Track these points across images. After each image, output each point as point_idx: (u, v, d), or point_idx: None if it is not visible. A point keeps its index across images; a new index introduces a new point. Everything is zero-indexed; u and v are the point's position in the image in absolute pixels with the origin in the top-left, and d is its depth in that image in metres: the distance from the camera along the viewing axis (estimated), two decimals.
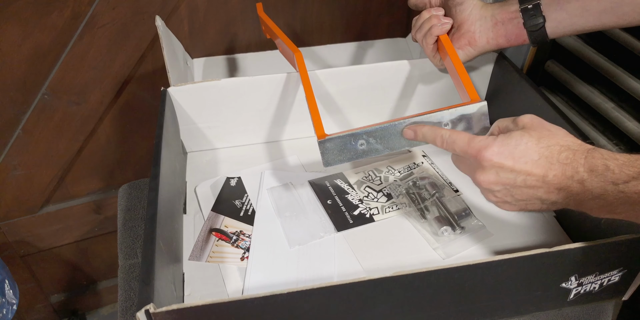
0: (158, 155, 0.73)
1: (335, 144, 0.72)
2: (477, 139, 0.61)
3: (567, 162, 0.56)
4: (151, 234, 0.61)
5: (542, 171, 0.57)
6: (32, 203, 1.30)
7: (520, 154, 0.58)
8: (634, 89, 0.92)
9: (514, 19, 0.79)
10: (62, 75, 1.11)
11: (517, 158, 0.58)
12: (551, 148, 0.57)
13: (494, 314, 0.67)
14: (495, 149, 0.59)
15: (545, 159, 0.57)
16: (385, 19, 1.35)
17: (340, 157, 0.73)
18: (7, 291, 1.10)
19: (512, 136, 0.59)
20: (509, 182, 0.59)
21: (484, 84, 0.98)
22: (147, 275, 0.55)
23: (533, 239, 0.77)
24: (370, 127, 0.72)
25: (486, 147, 0.60)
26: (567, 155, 0.56)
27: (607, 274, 0.65)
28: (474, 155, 0.61)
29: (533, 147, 0.58)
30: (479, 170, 0.61)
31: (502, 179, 0.59)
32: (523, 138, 0.59)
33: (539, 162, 0.57)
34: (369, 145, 0.73)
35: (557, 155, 0.57)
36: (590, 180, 0.54)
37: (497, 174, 0.59)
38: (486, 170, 0.60)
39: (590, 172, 0.54)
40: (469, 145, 0.61)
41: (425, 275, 0.58)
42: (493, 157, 0.59)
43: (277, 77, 0.89)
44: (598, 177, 0.53)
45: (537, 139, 0.58)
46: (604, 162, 0.53)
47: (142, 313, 0.52)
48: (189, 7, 1.14)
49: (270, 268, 0.74)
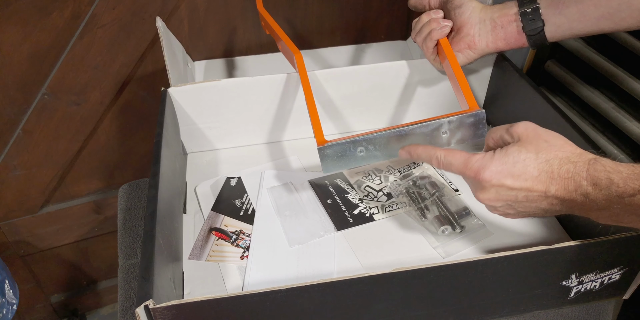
0: (158, 154, 0.73)
1: (334, 151, 0.73)
2: (474, 159, 0.60)
3: (569, 175, 0.55)
4: (151, 231, 0.61)
5: (544, 187, 0.56)
6: (32, 203, 1.30)
7: (519, 171, 0.57)
8: (634, 90, 0.92)
9: (513, 22, 0.79)
10: (62, 75, 1.11)
11: (517, 176, 0.57)
12: (551, 162, 0.57)
13: (495, 312, 0.67)
14: (493, 168, 0.58)
15: (545, 174, 0.56)
16: (386, 19, 1.35)
17: (340, 163, 0.74)
18: (7, 291, 1.10)
19: (509, 153, 0.58)
20: (511, 199, 0.59)
21: (484, 84, 0.98)
22: (146, 272, 0.55)
23: (533, 238, 0.76)
24: (370, 134, 0.73)
25: (484, 168, 0.59)
26: (567, 168, 0.56)
27: (607, 272, 0.65)
28: (473, 176, 0.60)
29: (532, 163, 0.57)
30: (478, 189, 0.61)
31: (503, 196, 0.59)
32: (521, 154, 0.58)
33: (540, 178, 0.57)
34: (368, 152, 0.74)
35: (557, 170, 0.56)
36: (594, 194, 0.53)
37: (498, 192, 0.59)
38: (486, 189, 0.59)
39: (594, 185, 0.53)
40: (466, 166, 0.61)
41: (424, 271, 0.57)
42: (492, 177, 0.58)
43: (278, 77, 0.89)
44: (602, 190, 0.53)
45: (536, 154, 0.57)
46: (608, 176, 0.52)
47: (141, 309, 0.52)
48: (189, 7, 1.14)
49: (270, 266, 0.74)
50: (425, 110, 0.98)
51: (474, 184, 0.62)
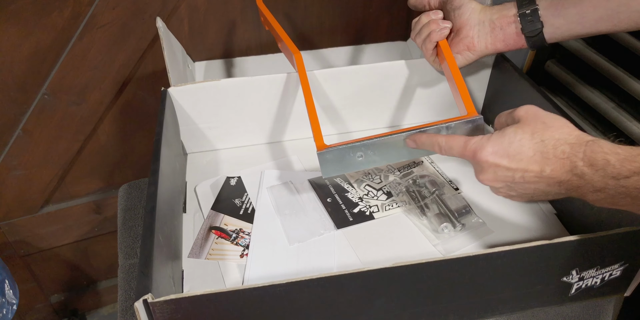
0: (158, 152, 0.73)
1: (334, 156, 0.73)
2: (472, 141, 0.62)
3: (564, 156, 0.56)
4: (150, 227, 0.61)
5: (539, 167, 0.57)
6: (32, 203, 1.29)
7: (514, 151, 0.58)
8: (634, 90, 0.92)
9: (512, 23, 0.79)
10: (62, 75, 1.11)
11: (512, 156, 0.58)
12: (546, 142, 0.57)
13: (495, 309, 0.67)
14: (490, 149, 0.60)
15: (540, 154, 0.57)
16: (386, 19, 1.35)
17: (339, 167, 0.75)
18: (7, 291, 1.10)
19: (505, 134, 0.60)
20: (508, 180, 0.60)
21: (483, 84, 0.98)
22: (145, 266, 0.55)
23: (534, 236, 0.76)
24: (369, 139, 0.73)
25: (480, 148, 0.60)
26: (563, 149, 0.56)
27: (608, 268, 0.65)
28: (471, 157, 0.62)
29: (527, 143, 0.58)
30: (478, 170, 0.62)
31: (501, 177, 0.60)
32: (517, 135, 0.59)
33: (534, 158, 0.57)
34: (367, 157, 0.74)
35: (552, 150, 0.57)
36: (590, 174, 0.54)
37: (495, 173, 0.60)
38: (484, 170, 0.61)
39: (591, 166, 0.54)
40: (465, 148, 0.62)
41: (424, 266, 0.57)
42: (488, 157, 0.60)
43: (278, 77, 0.89)
44: (598, 171, 0.53)
45: (531, 134, 0.58)
46: (604, 157, 0.53)
47: (140, 303, 0.52)
48: (189, 7, 1.14)
49: (269, 263, 0.74)
50: (425, 110, 0.99)
51: (474, 166, 0.63)
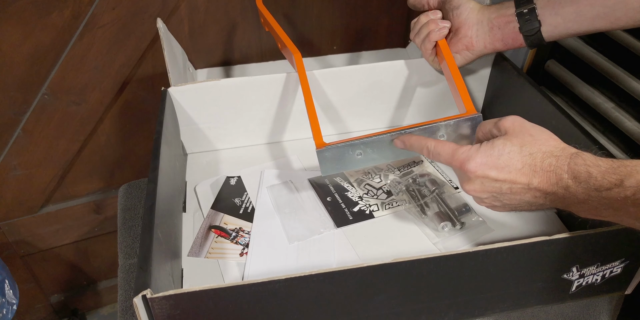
0: (157, 150, 0.73)
1: (333, 154, 0.74)
2: (460, 151, 0.62)
3: (551, 169, 0.57)
4: (149, 223, 0.61)
5: (526, 179, 0.58)
6: (32, 203, 1.29)
7: (503, 163, 0.59)
8: (634, 89, 0.92)
9: (510, 23, 0.79)
10: (62, 75, 1.11)
11: (501, 168, 0.59)
12: (534, 155, 0.58)
13: (495, 306, 0.67)
14: (479, 160, 0.60)
15: (528, 166, 0.58)
16: (385, 21, 1.35)
17: (338, 165, 0.75)
18: (7, 291, 1.10)
19: (494, 146, 0.60)
20: (495, 191, 0.61)
21: (483, 84, 0.98)
22: (144, 262, 0.55)
23: (534, 235, 0.76)
24: (368, 137, 0.73)
25: (469, 158, 0.61)
26: (550, 162, 0.57)
27: (608, 265, 0.65)
28: (458, 167, 0.62)
29: (516, 156, 0.59)
30: (464, 180, 0.63)
31: (488, 187, 0.61)
32: (505, 147, 0.60)
33: (523, 171, 0.58)
34: (366, 155, 0.75)
35: (540, 163, 0.58)
36: (574, 187, 0.55)
37: (483, 184, 0.61)
38: (471, 180, 0.61)
39: (574, 179, 0.55)
40: (453, 157, 0.63)
41: (424, 262, 0.57)
42: (477, 169, 0.60)
43: (277, 77, 0.89)
44: (581, 183, 0.54)
45: (520, 147, 0.59)
46: (587, 169, 0.54)
47: (139, 298, 0.52)
48: (189, 7, 1.14)
49: (269, 261, 0.74)
50: (424, 110, 0.99)
51: (460, 175, 0.64)
